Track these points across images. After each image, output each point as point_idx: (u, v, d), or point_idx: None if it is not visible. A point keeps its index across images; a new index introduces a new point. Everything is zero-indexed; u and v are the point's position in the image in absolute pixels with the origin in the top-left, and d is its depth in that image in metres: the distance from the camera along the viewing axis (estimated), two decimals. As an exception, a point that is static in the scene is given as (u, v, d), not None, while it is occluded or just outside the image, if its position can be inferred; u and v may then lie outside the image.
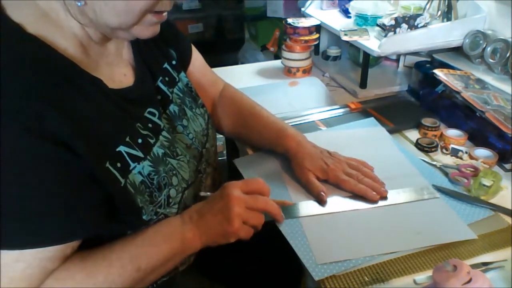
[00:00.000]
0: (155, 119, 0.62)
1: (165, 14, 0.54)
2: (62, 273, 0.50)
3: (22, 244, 0.46)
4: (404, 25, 1.04)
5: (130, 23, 0.51)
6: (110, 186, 0.52)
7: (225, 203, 0.59)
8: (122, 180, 0.53)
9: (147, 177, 0.57)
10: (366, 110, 1.00)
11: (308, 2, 1.36)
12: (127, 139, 0.55)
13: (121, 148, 0.54)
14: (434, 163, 0.81)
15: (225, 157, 1.31)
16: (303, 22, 1.20)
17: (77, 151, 0.48)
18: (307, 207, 0.69)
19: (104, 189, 0.51)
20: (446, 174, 0.78)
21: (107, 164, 0.52)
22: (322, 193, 0.70)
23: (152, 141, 0.60)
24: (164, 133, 0.63)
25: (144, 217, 0.56)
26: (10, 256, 0.46)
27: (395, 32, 1.04)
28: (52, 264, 0.49)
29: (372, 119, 0.95)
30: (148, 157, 0.58)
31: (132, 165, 0.55)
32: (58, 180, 0.47)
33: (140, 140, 0.57)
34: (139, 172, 0.56)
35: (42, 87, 0.46)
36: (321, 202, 0.70)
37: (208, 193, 0.66)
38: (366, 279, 0.57)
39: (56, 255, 0.49)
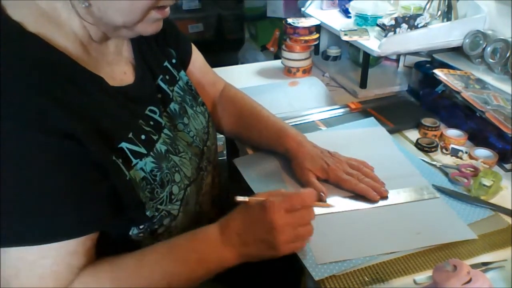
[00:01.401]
0: (156, 117, 0.62)
1: (167, 9, 0.55)
2: (91, 281, 0.51)
3: (40, 239, 0.47)
4: (404, 25, 1.04)
5: (134, 21, 0.52)
6: (117, 179, 0.52)
7: (268, 231, 0.55)
8: (127, 173, 0.53)
9: (149, 173, 0.57)
10: (366, 110, 1.00)
11: (308, 2, 1.36)
12: (130, 135, 0.55)
13: (123, 145, 0.54)
14: (434, 163, 0.81)
15: (225, 157, 1.30)
16: (303, 22, 1.20)
17: (84, 144, 0.48)
18: (307, 207, 0.69)
19: (111, 181, 0.52)
20: (446, 174, 0.78)
21: (113, 158, 0.52)
22: (322, 193, 0.70)
23: (155, 137, 0.60)
24: (165, 130, 0.63)
25: (147, 213, 0.56)
26: (34, 253, 0.46)
27: (395, 32, 1.04)
28: (77, 259, 0.50)
29: (372, 119, 0.95)
30: (151, 153, 0.58)
31: (134, 161, 0.55)
32: (69, 173, 0.47)
33: (143, 137, 0.57)
34: (141, 169, 0.56)
35: (43, 85, 0.47)
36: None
37: (246, 198, 0.58)
38: (366, 279, 0.57)
39: (78, 249, 0.50)
